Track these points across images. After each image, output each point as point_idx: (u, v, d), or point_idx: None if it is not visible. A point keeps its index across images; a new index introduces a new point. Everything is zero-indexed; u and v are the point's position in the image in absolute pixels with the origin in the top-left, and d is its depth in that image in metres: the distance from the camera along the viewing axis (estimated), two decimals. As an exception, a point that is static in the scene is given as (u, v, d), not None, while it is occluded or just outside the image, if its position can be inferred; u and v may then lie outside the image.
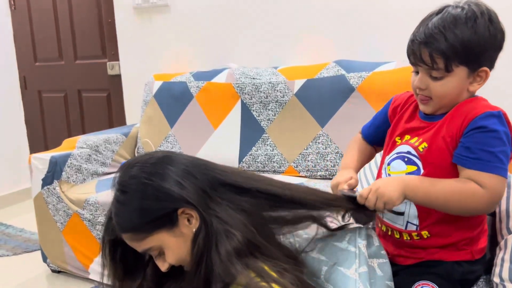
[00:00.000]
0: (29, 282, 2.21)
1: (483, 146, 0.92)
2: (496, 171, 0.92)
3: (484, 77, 0.97)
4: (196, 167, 0.87)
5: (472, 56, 0.93)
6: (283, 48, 2.39)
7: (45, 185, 2.10)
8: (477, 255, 1.02)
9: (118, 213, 0.84)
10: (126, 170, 0.85)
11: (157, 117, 2.48)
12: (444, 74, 0.94)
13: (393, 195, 0.93)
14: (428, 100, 0.99)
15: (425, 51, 0.94)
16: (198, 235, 0.81)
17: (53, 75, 3.34)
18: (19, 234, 2.77)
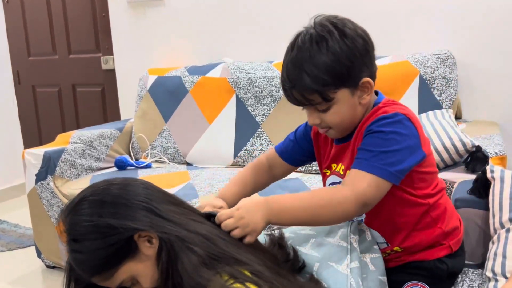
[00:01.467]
0: (23, 277, 2.20)
1: (365, 146, 0.90)
2: (370, 170, 0.87)
3: (370, 87, 0.93)
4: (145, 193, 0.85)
5: (342, 77, 0.89)
6: (278, 43, 2.38)
7: (39, 180, 2.08)
8: (455, 247, 1.01)
9: (77, 262, 0.83)
10: (69, 218, 0.83)
11: (152, 112, 2.47)
12: (328, 105, 0.91)
13: (258, 225, 0.85)
14: (329, 129, 0.97)
15: (296, 93, 0.91)
16: (161, 253, 0.80)
17: (47, 69, 3.31)
18: (13, 229, 2.76)
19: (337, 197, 0.87)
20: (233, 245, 0.83)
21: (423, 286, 0.99)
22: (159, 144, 2.42)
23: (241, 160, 2.23)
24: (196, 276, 0.75)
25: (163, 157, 2.40)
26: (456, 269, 1.03)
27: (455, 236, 1.03)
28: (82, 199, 0.83)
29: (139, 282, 0.84)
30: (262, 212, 0.86)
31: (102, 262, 0.81)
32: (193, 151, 2.34)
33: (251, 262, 0.80)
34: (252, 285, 0.74)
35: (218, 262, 0.78)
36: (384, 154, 0.87)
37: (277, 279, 0.79)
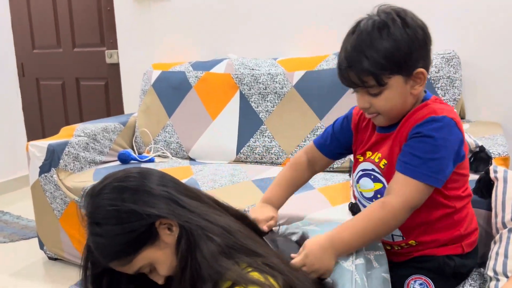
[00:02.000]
0: (26, 269, 2.21)
1: (413, 150, 0.92)
2: (419, 178, 0.90)
3: (423, 78, 0.95)
4: (166, 182, 0.86)
5: (400, 64, 0.92)
6: (283, 39, 2.38)
7: (43, 172, 2.09)
8: (468, 249, 1.03)
9: (98, 246, 0.84)
10: (92, 200, 0.84)
11: (155, 107, 2.47)
12: (380, 89, 0.93)
13: (329, 266, 0.91)
14: (377, 115, 0.99)
15: (352, 74, 0.94)
16: (181, 241, 0.81)
17: (51, 62, 3.32)
18: (16, 221, 2.77)
19: (389, 213, 0.91)
20: (251, 238, 0.85)
21: (426, 280, 1.00)
22: (162, 138, 2.43)
23: (243, 156, 2.23)
24: (215, 265, 0.76)
25: (166, 152, 2.41)
26: (464, 269, 1.03)
27: (469, 238, 1.04)
28: (105, 184, 0.85)
29: (157, 269, 0.85)
30: (329, 254, 0.91)
31: (122, 247, 0.82)
32: (196, 146, 2.34)
33: (268, 254, 0.82)
34: (268, 276, 0.75)
35: (236, 253, 0.79)
36: (432, 161, 0.90)
37: (292, 272, 0.80)
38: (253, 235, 0.87)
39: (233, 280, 0.74)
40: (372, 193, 1.04)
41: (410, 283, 1.01)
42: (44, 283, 2.09)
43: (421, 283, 1.00)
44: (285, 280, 0.77)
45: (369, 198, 1.05)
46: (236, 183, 1.90)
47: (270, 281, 0.75)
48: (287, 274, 0.79)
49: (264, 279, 0.75)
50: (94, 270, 0.90)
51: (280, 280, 0.76)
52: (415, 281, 1.01)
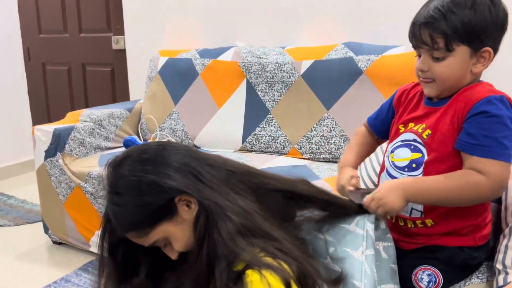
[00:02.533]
0: (30, 252, 2.23)
1: (486, 131, 0.91)
2: (499, 157, 0.91)
3: (488, 58, 0.95)
4: (187, 156, 0.86)
5: (473, 36, 0.92)
6: (291, 28, 2.36)
7: (48, 157, 2.10)
8: (480, 242, 1.02)
9: (116, 215, 0.84)
10: (115, 170, 0.84)
11: (161, 94, 2.46)
12: (445, 54, 0.94)
13: (395, 204, 0.94)
14: (431, 82, 0.98)
15: (425, 31, 0.94)
16: (199, 218, 0.81)
17: (57, 47, 3.31)
18: (20, 205, 2.78)
19: (472, 180, 0.92)
20: (268, 221, 0.84)
21: (434, 271, 1.00)
22: (168, 126, 2.42)
23: (249, 145, 2.23)
24: (231, 244, 0.76)
25: (172, 139, 2.40)
26: (473, 262, 1.03)
27: (483, 230, 1.03)
28: (129, 155, 0.85)
29: (172, 244, 0.85)
30: (398, 193, 0.95)
31: (140, 219, 0.82)
32: (201, 134, 2.34)
33: (283, 240, 0.82)
34: (281, 262, 0.75)
35: (252, 234, 0.79)
36: (506, 139, 0.92)
37: (305, 258, 0.80)
38: (271, 218, 0.86)
39: (247, 262, 0.74)
40: (407, 162, 1.03)
41: (418, 273, 1.01)
42: (48, 266, 2.11)
43: (429, 274, 1.00)
44: (298, 266, 0.77)
45: (401, 167, 1.04)
46: (241, 171, 1.89)
47: (283, 266, 0.75)
48: (301, 260, 0.78)
49: (277, 264, 0.75)
50: (111, 239, 0.90)
51: (294, 266, 0.76)
52: (423, 272, 1.00)
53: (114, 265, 0.92)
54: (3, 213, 2.67)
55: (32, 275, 2.01)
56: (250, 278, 0.72)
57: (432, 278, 0.99)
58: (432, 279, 0.99)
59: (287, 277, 0.73)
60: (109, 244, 0.91)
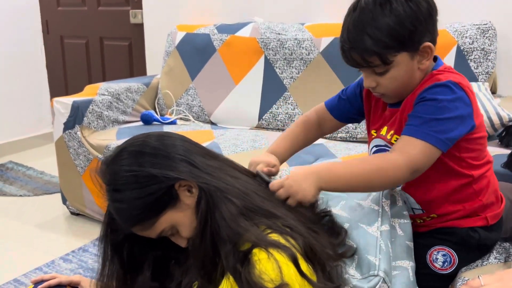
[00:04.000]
0: (48, 222, 2.28)
1: (417, 113, 0.90)
2: (422, 137, 0.87)
3: (430, 52, 0.91)
4: (181, 146, 0.86)
5: (404, 41, 0.88)
6: (311, 4, 2.31)
7: (67, 129, 2.12)
8: (492, 220, 1.01)
9: (119, 212, 0.84)
10: (110, 167, 0.84)
11: (179, 69, 2.46)
12: (386, 68, 0.90)
13: (307, 193, 0.87)
14: (384, 95, 0.96)
15: (355, 55, 0.90)
16: (200, 202, 0.81)
17: (76, 20, 3.31)
18: (39, 176, 2.84)
19: (388, 163, 0.88)
20: (269, 200, 0.84)
21: (449, 251, 0.99)
22: (184, 101, 2.43)
23: (265, 123, 2.22)
24: (234, 226, 0.77)
25: (188, 115, 2.41)
26: (488, 242, 1.02)
27: (494, 209, 1.02)
28: (122, 150, 0.85)
29: (179, 232, 0.86)
30: (312, 180, 0.88)
31: (143, 211, 0.82)
32: (218, 110, 2.33)
33: (286, 216, 0.82)
34: (288, 237, 0.75)
35: (255, 215, 0.79)
36: (435, 121, 0.87)
37: (310, 233, 0.80)
38: (271, 197, 0.86)
39: (252, 242, 0.75)
40: None
41: (433, 254, 1.00)
42: (67, 236, 2.16)
43: (444, 254, 0.99)
44: (304, 241, 0.77)
45: None
46: (257, 148, 1.89)
47: (291, 242, 0.76)
48: (306, 235, 0.79)
49: (284, 240, 0.75)
50: (115, 238, 0.91)
51: (300, 241, 0.77)
52: (438, 252, 1.00)
53: (120, 264, 0.92)
54: (23, 184, 2.72)
55: (51, 245, 2.07)
56: (258, 256, 0.72)
57: (447, 258, 0.99)
58: (447, 259, 0.99)
59: (293, 254, 0.73)
60: (113, 244, 0.91)
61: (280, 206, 0.85)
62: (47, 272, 1.82)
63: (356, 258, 0.87)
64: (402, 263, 0.93)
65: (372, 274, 0.84)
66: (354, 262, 0.87)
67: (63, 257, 1.94)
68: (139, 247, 0.93)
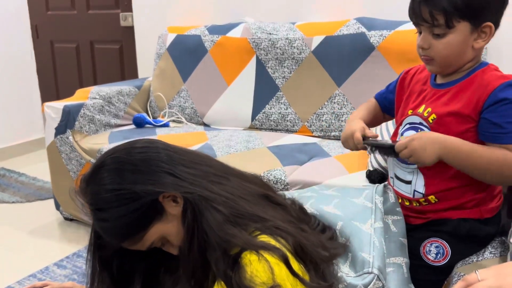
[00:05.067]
0: (42, 228, 2.26)
1: (510, 118, 0.91)
2: None
3: (489, 33, 0.94)
4: (160, 158, 0.84)
5: (473, 11, 0.91)
6: (302, 3, 2.31)
7: (58, 134, 2.10)
8: (487, 214, 1.02)
9: (107, 230, 0.84)
10: (91, 186, 0.83)
11: (170, 71, 2.45)
12: (446, 31, 0.93)
13: (427, 159, 0.93)
14: (432, 60, 0.98)
15: (425, 8, 0.93)
16: (186, 211, 0.81)
17: (65, 24, 3.28)
18: (32, 182, 2.81)
19: (509, 161, 0.91)
20: (255, 203, 0.84)
21: (442, 243, 1.00)
22: (177, 103, 2.41)
23: (259, 123, 2.21)
24: (222, 232, 0.76)
25: (181, 117, 2.40)
26: (480, 234, 1.02)
27: (490, 203, 1.03)
28: (101, 167, 0.83)
29: (169, 241, 0.85)
30: (437, 147, 0.93)
31: (131, 227, 0.81)
32: (210, 112, 2.33)
33: (274, 218, 0.81)
34: (278, 237, 0.75)
35: (242, 220, 0.78)
36: None
37: (300, 232, 0.79)
38: (257, 200, 0.85)
39: (241, 246, 0.74)
40: None
41: (426, 246, 1.01)
42: (60, 242, 2.14)
43: (437, 246, 1.00)
44: (295, 240, 0.77)
45: None
46: (251, 149, 1.88)
47: (281, 241, 0.75)
48: (296, 235, 0.79)
49: (274, 240, 0.75)
50: (104, 254, 0.90)
51: (290, 241, 0.76)
52: (431, 244, 1.01)
53: (110, 279, 0.91)
54: (15, 190, 2.70)
55: (44, 251, 2.05)
56: (248, 258, 0.72)
57: (440, 250, 1.00)
58: (440, 250, 1.00)
59: (284, 254, 0.73)
60: (102, 260, 0.90)
61: (268, 207, 0.84)
62: (41, 278, 1.80)
63: (350, 256, 0.87)
64: (396, 259, 0.93)
65: (366, 272, 0.84)
66: (348, 260, 0.87)
67: (57, 263, 1.92)
68: (129, 260, 0.92)
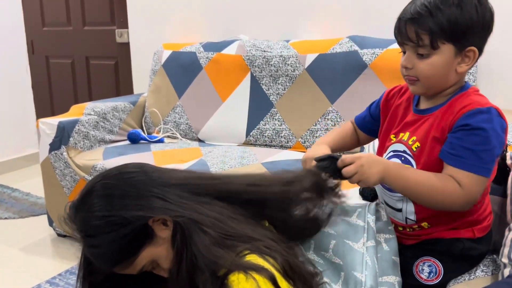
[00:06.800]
0: (34, 245, 2.24)
1: (464, 143, 0.92)
2: (475, 171, 0.91)
3: (473, 58, 0.95)
4: (147, 182, 0.85)
5: (459, 34, 0.92)
6: (295, 21, 2.35)
7: (53, 150, 2.10)
8: (479, 234, 1.02)
9: (97, 257, 0.84)
10: (81, 213, 0.83)
11: (165, 87, 2.46)
12: (430, 51, 0.93)
13: (371, 179, 0.93)
14: (415, 81, 0.98)
15: (411, 28, 0.94)
16: (176, 235, 0.81)
17: (61, 40, 3.31)
18: (25, 198, 2.79)
19: (450, 190, 0.92)
20: (244, 222, 0.84)
21: (435, 262, 1.00)
22: (171, 119, 2.42)
23: (253, 139, 2.22)
24: (210, 255, 0.77)
25: (176, 133, 2.40)
26: (474, 253, 1.03)
27: (482, 223, 1.03)
28: (91, 193, 0.83)
29: (160, 264, 0.86)
30: (381, 168, 0.93)
31: (121, 252, 0.82)
32: (205, 128, 2.34)
33: (263, 237, 0.82)
34: (267, 256, 0.75)
35: (231, 241, 0.79)
36: (485, 152, 0.92)
37: (289, 252, 0.80)
38: (246, 219, 0.85)
39: (228, 267, 0.74)
40: None
41: (419, 265, 1.01)
42: (53, 259, 2.12)
43: (430, 265, 1.00)
44: (283, 259, 0.77)
45: None
46: (245, 165, 1.89)
47: (270, 261, 0.76)
48: (285, 254, 0.79)
49: (263, 260, 0.75)
50: (94, 279, 0.90)
51: (279, 259, 0.77)
52: (424, 263, 1.01)
53: None
54: (8, 206, 2.68)
55: (37, 268, 2.03)
56: (237, 276, 0.72)
57: (433, 269, 1.00)
58: (433, 269, 1.00)
59: (271, 274, 0.73)
60: (93, 285, 0.90)
61: (257, 225, 0.84)
62: (33, 296, 1.79)
63: (343, 275, 0.87)
64: (389, 278, 0.93)
65: (359, 291, 0.85)
66: (340, 279, 0.87)
67: (49, 281, 1.90)
68: (119, 284, 0.92)
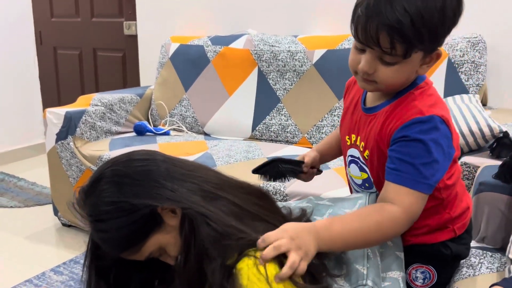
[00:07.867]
0: (39, 233, 2.26)
1: (403, 156, 0.84)
2: (413, 186, 0.83)
3: (435, 58, 0.86)
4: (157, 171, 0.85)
5: (433, 41, 0.82)
6: (304, 16, 2.34)
7: (59, 140, 2.11)
8: (460, 231, 0.98)
9: (105, 242, 0.84)
10: (91, 198, 0.83)
11: (172, 80, 2.46)
12: (399, 60, 0.82)
13: (311, 250, 0.77)
14: (371, 82, 0.87)
15: (385, 36, 0.79)
16: (184, 223, 0.82)
17: (69, 31, 3.31)
18: (31, 187, 2.81)
19: (387, 218, 0.83)
20: (249, 217, 0.84)
21: (427, 268, 0.98)
22: (178, 112, 2.43)
23: (259, 134, 2.22)
24: (217, 245, 0.77)
25: (182, 126, 2.41)
26: (461, 252, 1.01)
27: (461, 220, 0.99)
28: (100, 179, 0.83)
29: (167, 252, 0.86)
30: (314, 237, 0.78)
31: (130, 238, 0.82)
32: (211, 121, 2.34)
33: (267, 230, 0.81)
34: None
35: (236, 234, 0.79)
36: (424, 166, 0.84)
37: None
38: (250, 214, 0.85)
39: (238, 251, 0.75)
40: (361, 181, 1.00)
41: (412, 273, 0.99)
42: (58, 248, 2.13)
43: (423, 271, 0.98)
44: None
45: (359, 185, 1.02)
46: (251, 159, 1.89)
47: None
48: None
49: None
50: (101, 264, 0.90)
51: None
52: (417, 270, 0.98)
53: None
54: (14, 195, 2.70)
55: (41, 256, 2.04)
56: (245, 263, 0.73)
57: (426, 275, 0.98)
58: (427, 275, 0.98)
59: (281, 260, 0.73)
60: (99, 270, 0.91)
61: (261, 222, 0.84)
62: (38, 284, 1.80)
63: (345, 268, 0.87)
64: (393, 274, 0.93)
65: (360, 284, 0.84)
66: (343, 272, 0.87)
67: (54, 269, 1.92)
68: (126, 270, 0.93)
